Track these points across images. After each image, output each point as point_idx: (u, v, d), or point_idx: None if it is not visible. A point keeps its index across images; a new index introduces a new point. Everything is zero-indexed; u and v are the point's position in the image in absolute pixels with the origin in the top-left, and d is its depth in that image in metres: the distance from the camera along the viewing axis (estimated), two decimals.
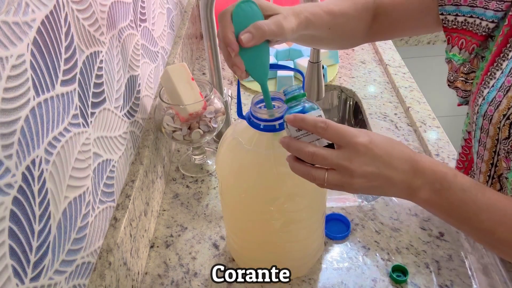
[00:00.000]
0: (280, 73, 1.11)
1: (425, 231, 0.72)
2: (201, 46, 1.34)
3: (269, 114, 0.52)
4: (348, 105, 1.18)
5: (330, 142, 0.47)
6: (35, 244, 0.41)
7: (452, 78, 0.67)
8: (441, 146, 0.87)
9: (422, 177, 0.48)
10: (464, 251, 0.68)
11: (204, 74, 1.21)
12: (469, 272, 0.65)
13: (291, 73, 1.11)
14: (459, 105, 0.70)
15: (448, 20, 0.64)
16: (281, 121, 0.53)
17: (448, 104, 1.59)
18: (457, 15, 0.63)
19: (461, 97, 0.67)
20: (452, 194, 0.48)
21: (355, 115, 1.14)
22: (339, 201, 0.80)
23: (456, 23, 0.63)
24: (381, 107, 1.03)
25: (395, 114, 1.00)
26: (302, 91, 0.49)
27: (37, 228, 0.42)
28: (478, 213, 0.48)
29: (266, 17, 0.53)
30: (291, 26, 0.53)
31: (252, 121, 0.53)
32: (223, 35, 0.50)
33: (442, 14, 0.64)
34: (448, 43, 0.66)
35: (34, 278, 0.41)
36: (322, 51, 1.15)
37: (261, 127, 0.53)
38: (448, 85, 0.69)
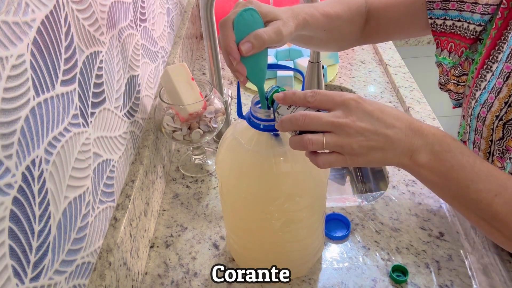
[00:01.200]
0: (280, 73, 1.11)
1: (425, 231, 0.72)
2: (201, 46, 1.34)
3: (268, 114, 0.52)
4: None
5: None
6: (35, 244, 0.41)
7: (443, 81, 0.68)
8: None
9: (421, 137, 0.47)
10: (464, 251, 0.68)
11: (204, 74, 1.21)
12: (469, 272, 0.65)
13: (291, 73, 1.11)
14: (454, 107, 0.70)
15: (436, 24, 0.65)
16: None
17: (448, 104, 1.59)
18: (445, 19, 0.64)
19: (454, 99, 0.67)
20: (452, 157, 0.47)
21: None
22: (339, 201, 0.80)
23: (445, 27, 0.65)
24: None
25: None
26: (280, 88, 0.51)
27: (37, 228, 0.42)
28: (477, 180, 0.47)
29: (266, 23, 0.53)
30: (290, 30, 0.54)
31: (252, 121, 0.53)
32: (225, 44, 0.50)
33: (431, 18, 0.65)
34: (437, 47, 0.67)
35: (34, 278, 0.41)
36: None
37: (261, 127, 0.53)
38: (440, 88, 0.69)
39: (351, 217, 0.75)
